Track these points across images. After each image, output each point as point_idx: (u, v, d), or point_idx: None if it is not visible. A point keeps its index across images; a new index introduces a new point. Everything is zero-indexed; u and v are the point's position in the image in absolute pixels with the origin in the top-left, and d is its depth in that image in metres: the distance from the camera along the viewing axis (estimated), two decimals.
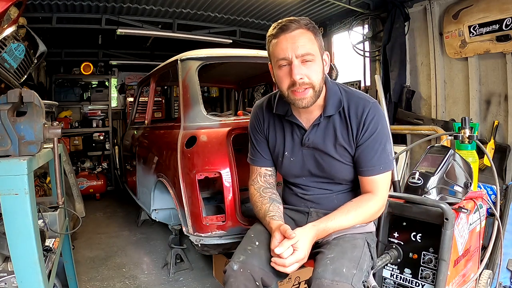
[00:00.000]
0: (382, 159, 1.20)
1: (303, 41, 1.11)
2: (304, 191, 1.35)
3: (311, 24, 1.14)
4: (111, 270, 2.64)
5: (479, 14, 2.66)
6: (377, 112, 1.20)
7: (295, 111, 1.27)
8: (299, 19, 1.13)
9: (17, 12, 1.92)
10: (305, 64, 1.12)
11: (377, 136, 1.19)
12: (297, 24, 1.12)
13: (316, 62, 1.14)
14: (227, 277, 1.16)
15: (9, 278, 1.11)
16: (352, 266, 1.10)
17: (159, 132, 2.69)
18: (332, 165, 1.26)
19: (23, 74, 2.34)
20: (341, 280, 1.04)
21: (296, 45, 1.10)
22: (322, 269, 1.08)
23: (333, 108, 1.21)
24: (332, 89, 1.23)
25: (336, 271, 1.07)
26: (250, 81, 3.82)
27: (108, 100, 5.75)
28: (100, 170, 5.29)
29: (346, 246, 1.17)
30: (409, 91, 3.30)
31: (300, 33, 1.11)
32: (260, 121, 1.37)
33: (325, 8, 3.79)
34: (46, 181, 2.93)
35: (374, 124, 1.19)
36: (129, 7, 3.61)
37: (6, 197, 0.91)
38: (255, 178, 1.40)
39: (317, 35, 1.15)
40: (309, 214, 1.34)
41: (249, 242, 1.25)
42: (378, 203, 1.23)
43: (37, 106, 1.02)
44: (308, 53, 1.11)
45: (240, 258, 1.19)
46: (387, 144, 1.22)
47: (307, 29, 1.13)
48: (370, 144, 1.20)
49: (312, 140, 1.25)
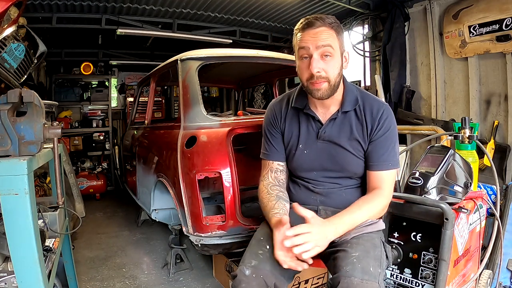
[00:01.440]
0: (391, 157, 1.27)
1: (324, 37, 1.19)
2: (314, 185, 1.37)
3: (335, 23, 1.22)
4: (111, 270, 2.64)
5: (479, 14, 2.66)
6: (390, 114, 1.29)
7: (312, 105, 1.34)
8: (325, 17, 1.21)
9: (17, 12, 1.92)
10: (324, 59, 1.20)
11: (389, 135, 1.27)
12: (322, 22, 1.20)
13: (334, 58, 1.21)
14: (237, 282, 1.14)
15: (9, 278, 1.11)
16: (377, 265, 1.12)
17: (159, 132, 2.69)
18: (344, 157, 1.30)
19: (23, 74, 2.34)
20: (370, 279, 1.05)
21: (317, 39, 1.19)
22: (350, 267, 1.08)
23: (350, 105, 1.29)
24: (350, 87, 1.32)
25: (364, 269, 1.07)
26: (250, 81, 3.82)
27: (108, 100, 5.75)
28: (100, 170, 5.29)
29: (368, 245, 1.17)
30: (409, 91, 3.30)
31: (323, 30, 1.19)
32: (277, 116, 1.41)
33: (325, 8, 3.79)
34: (46, 181, 2.93)
35: (388, 123, 1.27)
36: (129, 7, 3.61)
37: (6, 197, 0.91)
38: (265, 174, 1.42)
39: (339, 34, 1.23)
40: (318, 212, 1.35)
41: (259, 246, 1.24)
42: (386, 198, 1.27)
43: (37, 106, 1.02)
44: (328, 47, 1.19)
45: (252, 262, 1.17)
46: (396, 144, 1.30)
47: (330, 27, 1.20)
48: (382, 141, 1.27)
49: (328, 134, 1.31)
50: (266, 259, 1.18)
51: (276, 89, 3.49)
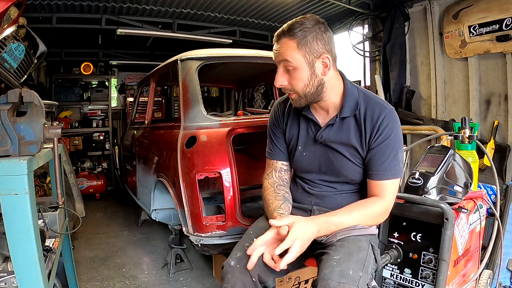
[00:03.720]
0: (392, 166, 1.21)
1: (282, 51, 1.17)
2: (310, 187, 1.37)
3: (299, 32, 1.13)
4: (111, 270, 2.64)
5: (479, 14, 2.66)
6: (392, 119, 1.21)
7: (312, 107, 1.32)
8: (293, 25, 1.14)
9: (17, 12, 1.92)
10: (288, 71, 1.19)
11: (390, 142, 1.21)
12: (285, 34, 1.16)
13: (299, 70, 1.17)
14: (224, 273, 1.19)
15: (9, 278, 1.11)
16: (358, 268, 1.10)
17: (159, 132, 2.69)
18: (342, 163, 1.28)
19: (23, 74, 2.33)
20: (348, 282, 1.04)
21: (277, 54, 1.19)
22: (328, 270, 1.08)
23: (349, 111, 1.24)
24: (350, 91, 1.25)
25: (343, 273, 1.07)
26: (250, 81, 3.82)
27: (108, 100, 5.74)
28: (100, 170, 5.29)
29: (352, 248, 1.16)
30: (409, 91, 3.30)
31: (283, 43, 1.16)
32: (279, 117, 1.41)
33: (325, 8, 3.79)
34: (46, 181, 2.93)
35: (388, 130, 1.20)
36: (129, 7, 3.61)
37: (6, 197, 0.91)
38: (270, 172, 1.43)
39: (302, 43, 1.14)
40: (312, 212, 1.35)
41: (247, 239, 1.27)
42: (383, 207, 1.22)
43: (37, 106, 1.02)
44: (285, 60, 1.17)
45: (237, 254, 1.21)
46: (399, 152, 1.23)
47: (291, 38, 1.14)
48: (382, 149, 1.21)
49: (325, 138, 1.29)
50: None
51: (276, 89, 3.49)
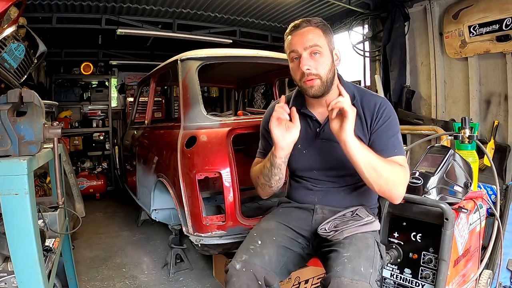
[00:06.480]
0: (396, 144, 1.26)
1: (311, 36, 1.23)
2: (313, 184, 1.38)
3: (321, 23, 1.26)
4: (111, 270, 2.64)
5: (479, 14, 2.66)
6: (387, 105, 1.30)
7: (309, 105, 1.36)
8: (311, 19, 1.26)
9: (17, 12, 1.92)
10: (313, 57, 1.23)
11: (390, 123, 1.27)
12: (307, 23, 1.25)
13: (323, 55, 1.24)
14: (229, 276, 1.17)
15: (9, 278, 1.10)
16: (369, 265, 1.11)
17: (159, 132, 2.69)
18: (345, 155, 1.26)
19: (23, 74, 2.34)
20: (360, 279, 1.05)
21: (304, 39, 1.23)
22: (340, 267, 1.08)
23: None
24: (346, 85, 1.33)
25: (355, 270, 1.07)
26: (250, 81, 3.82)
27: (108, 100, 5.74)
28: (100, 170, 5.28)
29: (360, 245, 1.17)
30: (409, 91, 3.30)
31: (309, 30, 1.24)
32: None
33: (325, 8, 3.79)
34: (46, 181, 2.93)
35: (386, 113, 1.27)
36: (129, 7, 3.61)
37: (6, 197, 0.91)
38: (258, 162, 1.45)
39: (326, 32, 1.26)
40: (315, 211, 1.35)
41: (251, 241, 1.26)
42: (405, 173, 1.21)
43: (37, 106, 1.02)
44: (315, 45, 1.22)
45: (242, 257, 1.20)
46: (398, 135, 1.28)
47: (316, 27, 1.25)
48: (384, 129, 1.27)
49: (327, 132, 1.29)
50: (256, 254, 1.20)
51: (276, 89, 3.49)
